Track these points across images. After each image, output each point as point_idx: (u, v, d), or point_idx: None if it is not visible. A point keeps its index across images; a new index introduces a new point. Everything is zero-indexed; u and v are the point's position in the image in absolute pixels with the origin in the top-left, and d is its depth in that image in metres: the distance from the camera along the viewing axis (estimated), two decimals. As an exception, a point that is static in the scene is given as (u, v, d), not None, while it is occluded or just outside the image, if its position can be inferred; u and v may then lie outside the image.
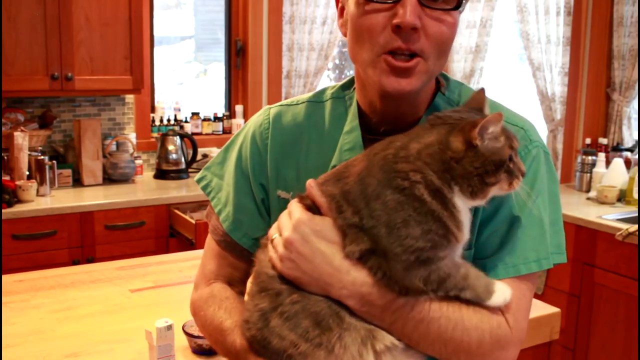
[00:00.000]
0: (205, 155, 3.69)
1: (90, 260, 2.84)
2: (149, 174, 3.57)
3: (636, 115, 3.44)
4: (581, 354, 2.90)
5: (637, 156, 3.32)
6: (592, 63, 3.52)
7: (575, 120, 3.62)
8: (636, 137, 3.43)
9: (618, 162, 3.15)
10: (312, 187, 0.91)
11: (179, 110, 3.80)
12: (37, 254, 2.78)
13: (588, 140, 3.53)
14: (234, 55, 3.89)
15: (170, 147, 3.47)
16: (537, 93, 3.75)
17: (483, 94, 0.91)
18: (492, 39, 3.99)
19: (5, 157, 2.96)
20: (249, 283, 0.97)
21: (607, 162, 3.27)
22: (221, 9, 3.90)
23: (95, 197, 3.03)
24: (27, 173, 2.96)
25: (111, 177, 3.33)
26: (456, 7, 0.90)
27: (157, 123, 3.67)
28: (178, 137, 3.51)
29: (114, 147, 3.42)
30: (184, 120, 3.77)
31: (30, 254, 2.76)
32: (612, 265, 2.74)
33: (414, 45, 0.89)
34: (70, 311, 1.68)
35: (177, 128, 3.68)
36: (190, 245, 2.90)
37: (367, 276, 0.85)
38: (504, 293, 0.89)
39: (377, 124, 0.99)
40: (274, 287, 0.90)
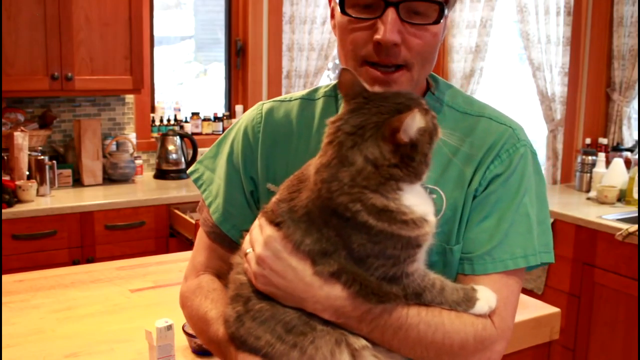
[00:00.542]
0: (205, 155, 3.69)
1: (90, 260, 2.84)
2: (149, 174, 3.57)
3: (636, 115, 3.44)
4: (581, 354, 2.90)
5: (637, 156, 3.32)
6: (592, 63, 3.52)
7: (575, 120, 3.62)
8: (636, 137, 3.43)
9: (618, 162, 3.15)
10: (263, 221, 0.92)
11: (179, 110, 3.80)
12: (37, 254, 2.78)
13: (588, 140, 3.53)
14: (234, 55, 3.89)
15: (170, 147, 3.48)
16: (537, 93, 3.74)
17: (350, 74, 0.89)
18: (492, 39, 3.99)
19: (5, 157, 2.96)
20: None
21: (607, 162, 3.27)
22: (221, 9, 3.90)
23: (95, 197, 3.03)
24: (27, 173, 2.96)
25: (111, 177, 3.33)
26: (436, 21, 0.92)
27: (157, 123, 3.66)
28: (178, 137, 3.51)
29: (114, 147, 3.41)
30: (184, 120, 3.77)
31: (30, 254, 2.76)
32: (612, 265, 2.74)
33: (396, 59, 0.91)
34: (70, 311, 1.68)
35: (177, 128, 3.68)
36: (190, 245, 2.90)
37: (340, 290, 0.86)
38: (488, 300, 0.90)
39: None
40: (244, 294, 0.92)
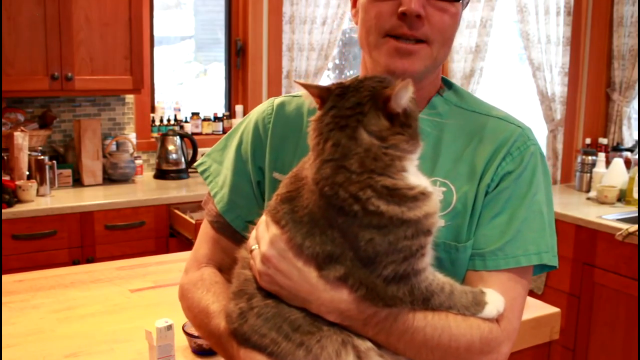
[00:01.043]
0: (205, 155, 3.69)
1: (90, 260, 2.84)
2: (149, 174, 3.57)
3: (636, 115, 3.44)
4: (581, 354, 2.90)
5: (637, 156, 3.32)
6: (592, 63, 3.52)
7: (575, 120, 3.62)
8: (636, 137, 3.43)
9: (618, 162, 3.15)
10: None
11: (179, 110, 3.80)
12: (37, 254, 2.78)
13: (588, 140, 3.53)
14: (234, 55, 3.88)
15: (170, 147, 3.48)
16: (537, 93, 3.75)
17: (309, 84, 0.90)
18: (492, 39, 3.99)
19: (5, 157, 2.96)
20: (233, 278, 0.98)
21: (607, 162, 3.27)
22: (221, 9, 3.90)
23: (95, 197, 3.03)
24: (27, 173, 2.96)
25: (111, 177, 3.33)
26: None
27: (157, 123, 3.66)
28: (178, 137, 3.51)
29: (114, 147, 3.41)
30: (184, 120, 3.77)
31: (30, 254, 2.76)
32: (612, 265, 2.74)
33: (418, 32, 0.93)
34: (70, 311, 1.68)
35: (177, 128, 3.68)
36: (190, 245, 2.90)
37: (346, 294, 0.85)
38: (496, 304, 0.89)
39: None
40: (248, 290, 0.91)
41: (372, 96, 0.83)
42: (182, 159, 3.51)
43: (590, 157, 3.34)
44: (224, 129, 3.85)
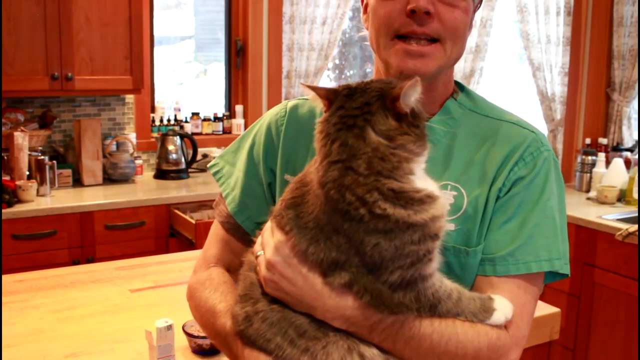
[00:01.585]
0: (205, 155, 3.69)
1: (90, 260, 2.84)
2: (149, 174, 3.57)
3: (636, 115, 3.44)
4: (581, 354, 2.90)
5: (637, 156, 3.32)
6: (592, 63, 3.52)
7: (575, 120, 3.62)
8: (636, 137, 3.43)
9: (618, 162, 3.15)
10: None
11: (179, 110, 3.80)
12: (37, 254, 2.78)
13: (588, 140, 3.53)
14: (234, 55, 3.88)
15: (170, 147, 3.47)
16: (537, 93, 3.75)
17: (316, 86, 0.90)
18: (492, 39, 3.99)
19: (5, 157, 2.96)
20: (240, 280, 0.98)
21: (607, 162, 3.27)
22: (221, 9, 3.90)
23: (95, 197, 3.03)
24: (27, 173, 2.96)
25: (111, 177, 3.33)
26: None
27: (157, 123, 3.66)
28: (178, 137, 3.51)
29: (114, 147, 3.41)
30: (184, 120, 3.77)
31: (30, 254, 2.76)
32: (612, 265, 2.74)
33: (429, 29, 0.93)
34: (70, 311, 1.68)
35: (177, 128, 3.68)
36: (190, 245, 2.90)
37: (352, 300, 0.84)
38: (504, 311, 0.89)
39: None
40: (254, 294, 0.91)
41: (380, 96, 0.82)
42: (182, 159, 3.51)
43: (590, 157, 3.34)
44: (224, 129, 3.85)
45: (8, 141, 2.95)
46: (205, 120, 3.81)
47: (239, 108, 3.87)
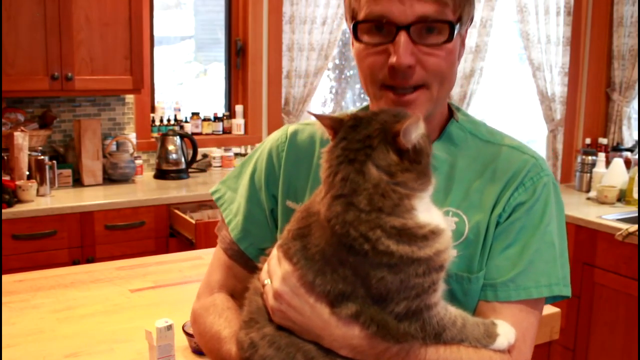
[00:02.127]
0: (205, 155, 3.69)
1: (90, 260, 2.84)
2: (149, 174, 3.57)
3: (636, 115, 3.44)
4: (581, 354, 2.90)
5: (637, 156, 3.32)
6: (592, 63, 3.52)
7: (575, 120, 3.62)
8: (636, 137, 3.43)
9: (618, 162, 3.15)
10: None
11: (179, 110, 3.80)
12: (37, 254, 2.78)
13: (588, 140, 3.53)
14: (234, 55, 3.89)
15: (170, 147, 3.48)
16: (537, 93, 3.75)
17: (322, 115, 0.89)
18: (492, 39, 3.99)
19: (5, 157, 2.96)
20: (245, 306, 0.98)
21: (607, 162, 3.27)
22: (221, 9, 3.90)
23: (95, 197, 3.03)
24: (27, 173, 2.96)
25: (111, 177, 3.33)
26: (448, 40, 0.92)
27: (157, 123, 3.67)
28: (178, 137, 3.51)
29: (114, 147, 3.42)
30: (184, 120, 3.77)
31: (30, 254, 2.76)
32: (612, 265, 2.74)
33: (413, 80, 0.92)
34: (70, 311, 1.68)
35: (177, 128, 3.68)
36: (190, 245, 2.90)
37: (358, 330, 0.85)
38: (507, 335, 0.89)
39: None
40: (260, 318, 0.91)
41: (382, 130, 0.81)
42: (182, 159, 3.51)
43: (590, 157, 3.34)
44: (224, 129, 3.85)
45: (8, 141, 2.95)
46: (205, 120, 3.81)
47: (239, 108, 3.87)
